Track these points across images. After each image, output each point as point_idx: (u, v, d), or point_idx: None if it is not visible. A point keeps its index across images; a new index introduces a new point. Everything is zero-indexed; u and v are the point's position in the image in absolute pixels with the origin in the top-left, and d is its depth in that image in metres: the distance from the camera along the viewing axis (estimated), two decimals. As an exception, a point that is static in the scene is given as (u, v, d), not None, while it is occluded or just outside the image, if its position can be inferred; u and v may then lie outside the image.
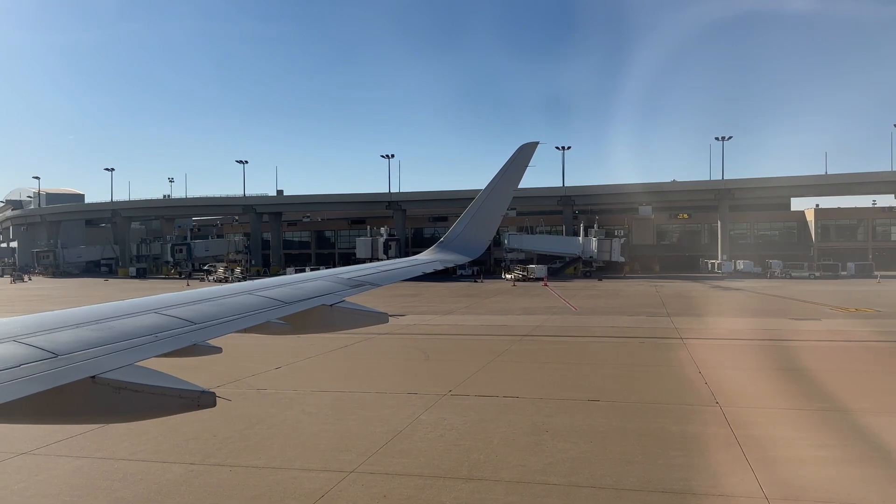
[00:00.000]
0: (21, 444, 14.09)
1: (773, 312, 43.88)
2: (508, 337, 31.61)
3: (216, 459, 13.15)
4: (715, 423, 15.25)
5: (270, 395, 18.99)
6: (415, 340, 31.03)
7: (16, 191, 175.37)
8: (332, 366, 24.09)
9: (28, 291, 77.44)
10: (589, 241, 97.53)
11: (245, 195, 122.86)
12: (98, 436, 14.75)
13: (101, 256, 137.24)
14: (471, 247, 10.32)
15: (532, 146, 10.17)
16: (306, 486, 11.58)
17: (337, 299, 6.59)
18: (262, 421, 16.04)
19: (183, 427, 15.50)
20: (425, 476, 12.02)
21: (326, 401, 18.07)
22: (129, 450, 13.77)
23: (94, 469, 12.61)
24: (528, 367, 23.19)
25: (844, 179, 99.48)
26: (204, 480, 11.95)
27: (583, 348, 28.10)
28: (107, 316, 4.73)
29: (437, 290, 71.29)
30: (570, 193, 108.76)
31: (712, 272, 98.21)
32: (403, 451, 13.42)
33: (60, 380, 3.46)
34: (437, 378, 21.12)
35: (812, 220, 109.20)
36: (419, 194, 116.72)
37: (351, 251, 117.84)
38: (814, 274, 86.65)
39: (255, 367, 22.98)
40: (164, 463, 12.95)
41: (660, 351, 26.56)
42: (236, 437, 14.75)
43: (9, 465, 12.86)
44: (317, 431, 15.09)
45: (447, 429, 14.98)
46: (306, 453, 13.48)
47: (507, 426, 15.16)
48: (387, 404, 17.51)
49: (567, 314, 43.14)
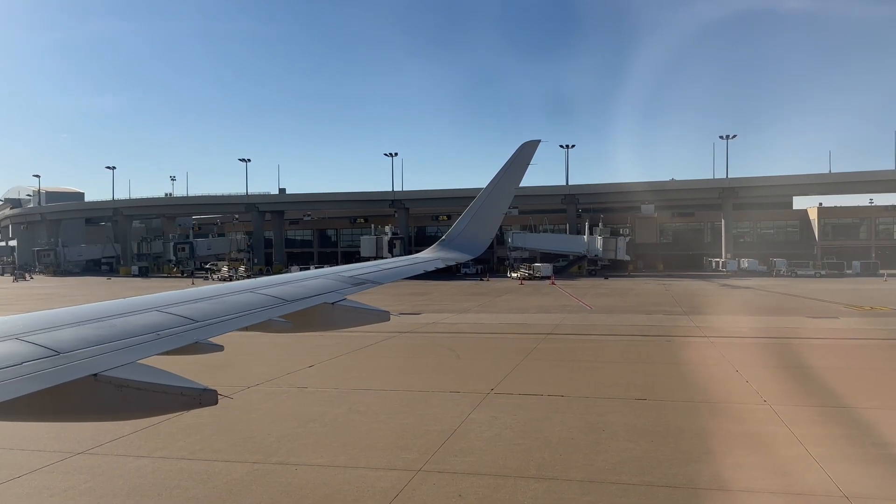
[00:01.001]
0: (72, 444, 13.96)
1: (787, 311, 43.95)
2: (532, 335, 31.55)
3: (278, 458, 13.06)
4: (770, 422, 15.22)
5: (313, 393, 18.88)
6: (439, 339, 30.97)
7: (14, 189, 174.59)
8: (365, 364, 23.99)
9: (32, 290, 77.08)
10: (594, 239, 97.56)
11: (248, 193, 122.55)
12: (149, 435, 14.65)
13: (101, 255, 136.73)
14: (472, 245, 10.31)
15: (534, 144, 10.15)
16: (378, 485, 11.50)
17: (338, 297, 6.58)
18: (313, 419, 15.94)
19: (236, 426, 15.45)
20: (493, 475, 11.95)
21: (372, 399, 17.98)
22: (186, 449, 13.67)
23: (157, 468, 12.50)
24: (562, 366, 23.13)
25: (848, 178, 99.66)
26: (272, 479, 11.85)
27: (611, 347, 28.05)
28: (108, 314, 4.72)
29: (446, 288, 71.21)
30: (575, 192, 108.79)
31: (717, 270, 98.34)
32: (464, 450, 13.35)
33: (62, 378, 3.45)
34: (475, 377, 21.04)
35: (815, 219, 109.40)
36: (422, 193, 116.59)
37: (353, 250, 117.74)
38: (819, 272, 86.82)
39: (288, 365, 22.89)
40: (225, 462, 12.85)
41: (689, 349, 26.53)
42: (291, 435, 14.65)
43: (69, 465, 12.75)
44: (371, 430, 15.00)
45: (502, 428, 14.91)
46: (367, 452, 13.39)
47: (561, 425, 15.10)
48: (433, 403, 17.44)
49: (583, 313, 43.10)
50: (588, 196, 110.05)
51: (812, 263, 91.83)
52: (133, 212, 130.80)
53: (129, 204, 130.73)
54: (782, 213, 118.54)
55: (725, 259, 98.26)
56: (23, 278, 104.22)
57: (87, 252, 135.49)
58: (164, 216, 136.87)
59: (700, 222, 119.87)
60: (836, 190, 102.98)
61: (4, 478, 11.94)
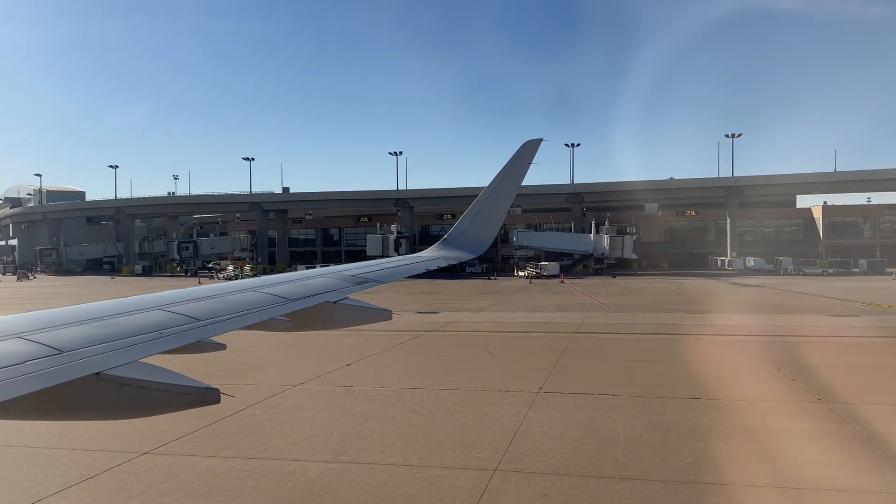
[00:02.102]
0: (134, 443, 13.84)
1: (806, 309, 44.00)
2: (559, 334, 31.48)
3: (348, 457, 12.94)
4: (832, 420, 15.17)
5: (361, 391, 18.77)
6: (466, 338, 30.88)
7: (14, 188, 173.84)
8: (402, 363, 23.88)
9: (39, 289, 76.73)
10: (601, 238, 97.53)
11: (252, 192, 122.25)
12: (209, 434, 14.54)
13: (103, 254, 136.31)
14: (475, 244, 10.30)
15: (536, 143, 10.10)
16: (458, 485, 11.39)
17: (340, 296, 6.57)
18: (370, 418, 15.83)
19: (294, 425, 15.36)
20: (572, 475, 11.86)
21: (422, 398, 17.87)
22: (252, 448, 13.56)
23: (230, 468, 12.38)
24: (601, 365, 23.05)
25: (853, 177, 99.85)
26: (349, 479, 11.74)
27: (642, 345, 27.99)
28: (111, 313, 4.70)
29: (455, 287, 71.16)
30: (580, 190, 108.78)
31: (722, 269, 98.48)
32: (534, 450, 13.25)
33: (65, 376, 3.46)
34: (517, 376, 20.94)
35: (820, 217, 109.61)
36: (427, 191, 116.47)
37: (357, 248, 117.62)
38: (827, 271, 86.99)
39: (325, 365, 22.78)
40: (296, 461, 12.74)
41: (724, 348, 26.51)
42: (353, 434, 14.54)
43: (138, 465, 12.62)
44: (432, 429, 14.89)
45: (564, 427, 14.82)
46: (436, 451, 13.29)
47: (623, 424, 15.01)
48: (485, 402, 17.33)
49: (602, 311, 43.04)
50: (592, 195, 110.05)
51: (819, 262, 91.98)
52: (136, 211, 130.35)
53: (132, 203, 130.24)
54: (786, 212, 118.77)
55: (731, 258, 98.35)
56: (26, 277, 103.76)
57: (88, 251, 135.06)
58: (167, 215, 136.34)
59: (704, 221, 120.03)
60: (841, 189, 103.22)
61: (77, 478, 11.81)
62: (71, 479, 11.76)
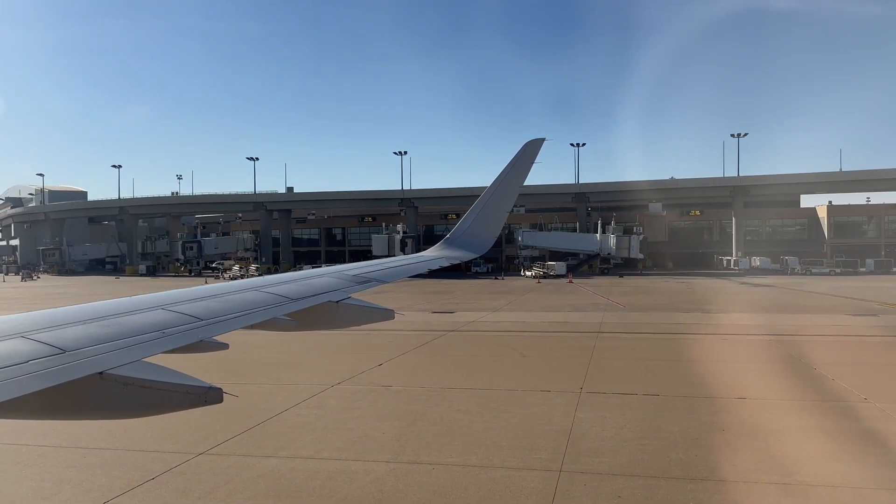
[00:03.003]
0: (188, 444, 13.72)
1: (822, 308, 43.97)
2: (582, 334, 31.39)
3: (408, 457, 12.82)
4: (888, 420, 15.09)
5: (401, 391, 18.64)
6: (490, 338, 30.77)
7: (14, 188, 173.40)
8: (433, 363, 23.76)
9: (43, 289, 76.52)
10: (607, 237, 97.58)
11: (256, 192, 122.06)
12: (262, 434, 14.43)
13: (106, 254, 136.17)
14: (477, 243, 10.29)
15: (538, 142, 10.07)
16: (527, 486, 11.28)
17: (343, 296, 6.57)
18: (419, 418, 15.70)
19: (345, 424, 15.26)
20: (640, 476, 11.75)
21: (465, 398, 17.74)
22: (308, 448, 13.43)
23: (293, 468, 12.24)
24: (635, 365, 22.91)
25: (859, 176, 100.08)
26: (415, 479, 11.61)
27: (671, 345, 27.89)
28: (114, 312, 4.70)
29: (465, 287, 71.13)
30: (585, 190, 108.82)
31: (728, 269, 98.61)
32: (594, 451, 13.13)
33: (68, 376, 3.48)
34: (554, 376, 20.84)
35: (825, 217, 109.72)
36: (432, 191, 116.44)
37: (361, 248, 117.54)
38: (834, 270, 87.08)
39: (356, 365, 22.65)
40: (356, 461, 12.61)
41: (752, 348, 26.44)
42: (407, 434, 14.42)
43: (197, 465, 12.48)
44: (484, 429, 14.76)
45: (618, 428, 14.70)
46: (495, 451, 13.16)
47: (676, 425, 14.90)
48: (530, 402, 17.21)
49: (618, 311, 42.94)
50: (597, 195, 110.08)
51: (825, 262, 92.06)
52: (139, 211, 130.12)
53: (136, 203, 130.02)
54: (791, 212, 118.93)
55: (737, 257, 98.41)
56: (30, 278, 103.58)
57: (91, 251, 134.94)
58: (171, 215, 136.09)
59: (708, 221, 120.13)
60: (847, 188, 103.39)
61: (139, 479, 11.68)
62: (134, 480, 11.63)
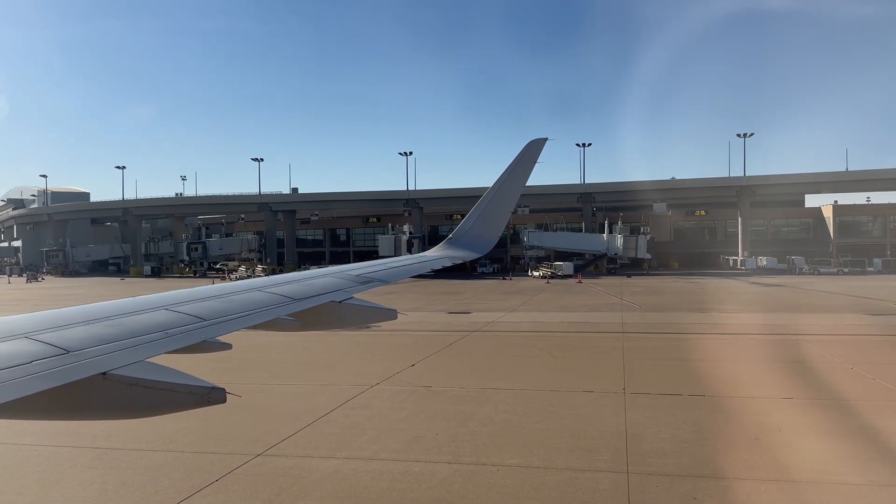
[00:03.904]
0: (242, 445, 13.61)
1: (840, 308, 43.91)
2: (606, 334, 31.28)
3: (469, 459, 12.69)
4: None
5: (442, 392, 18.49)
6: (514, 338, 30.65)
7: (16, 189, 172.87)
8: (465, 363, 23.61)
9: (50, 291, 76.28)
10: (614, 237, 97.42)
11: (261, 193, 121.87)
12: (314, 435, 14.31)
13: (109, 255, 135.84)
14: (479, 243, 10.29)
15: (541, 142, 10.05)
16: (599, 487, 11.15)
17: (346, 296, 6.57)
18: (468, 419, 15.57)
19: (395, 425, 15.14)
20: (709, 477, 11.63)
21: (509, 398, 17.61)
22: (365, 449, 13.30)
23: (355, 469, 12.11)
24: (668, 365, 22.78)
25: (865, 176, 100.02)
26: (482, 481, 11.48)
27: (698, 345, 27.77)
28: (117, 312, 4.71)
29: (475, 287, 71.03)
30: (591, 190, 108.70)
31: (734, 268, 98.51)
32: (656, 452, 13.00)
33: (72, 376, 3.49)
34: (592, 376, 20.71)
35: (830, 217, 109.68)
36: (437, 192, 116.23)
37: (366, 249, 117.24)
38: (842, 270, 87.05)
39: (389, 365, 22.54)
40: (417, 462, 12.47)
41: (784, 348, 26.32)
42: (460, 435, 14.28)
43: (259, 467, 12.34)
44: (538, 430, 14.62)
45: (673, 429, 14.56)
46: (554, 453, 13.02)
47: (731, 425, 14.80)
48: (576, 403, 17.08)
49: (635, 311, 42.82)
50: (603, 195, 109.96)
51: (832, 261, 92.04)
52: (144, 212, 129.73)
53: (140, 204, 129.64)
54: (795, 211, 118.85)
55: (743, 257, 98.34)
56: (35, 279, 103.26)
57: (95, 252, 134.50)
58: (175, 216, 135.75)
59: (713, 220, 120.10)
60: (854, 188, 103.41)
61: (203, 482, 11.53)
62: (197, 483, 11.48)
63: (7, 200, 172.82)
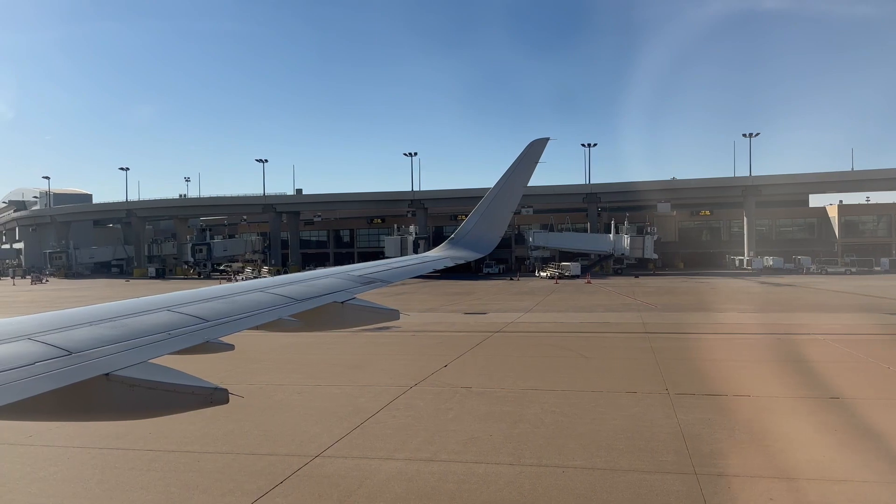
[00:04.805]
0: (297, 446, 13.49)
1: (857, 307, 43.79)
2: (631, 335, 31.16)
3: (531, 460, 12.53)
4: None
5: (483, 393, 18.33)
6: (538, 339, 30.48)
7: (17, 191, 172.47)
8: (498, 364, 23.42)
9: (56, 293, 76.04)
10: (621, 238, 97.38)
11: (265, 194, 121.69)
12: (368, 436, 14.15)
13: (112, 257, 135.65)
14: (482, 243, 10.29)
15: (542, 142, 10.01)
16: (672, 489, 10.99)
17: (348, 296, 6.60)
18: (518, 420, 15.40)
19: (447, 426, 14.99)
20: (781, 478, 11.47)
21: (553, 399, 17.45)
22: (424, 450, 13.13)
23: (419, 470, 11.94)
24: (703, 366, 22.55)
25: (870, 175, 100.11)
26: (551, 482, 11.31)
27: (726, 345, 27.67)
28: (121, 314, 4.73)
29: (486, 288, 70.93)
30: (596, 190, 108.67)
31: (740, 269, 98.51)
32: (718, 453, 12.84)
33: (75, 377, 3.50)
34: (630, 377, 20.55)
35: (835, 216, 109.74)
36: (443, 192, 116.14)
37: (370, 250, 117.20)
38: (850, 269, 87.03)
39: (423, 366, 22.44)
40: (478, 463, 12.31)
41: (814, 347, 26.19)
42: (515, 436, 14.12)
43: (319, 468, 12.18)
44: (592, 431, 14.46)
45: (729, 429, 14.40)
46: (617, 454, 12.85)
47: (786, 425, 14.65)
48: (623, 404, 16.92)
49: (653, 311, 42.67)
50: (608, 195, 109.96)
51: (839, 261, 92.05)
52: (147, 213, 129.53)
53: (144, 205, 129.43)
54: (800, 211, 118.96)
55: (750, 257, 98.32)
56: (40, 281, 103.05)
57: (98, 254, 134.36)
58: (178, 217, 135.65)
59: (717, 220, 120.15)
60: (860, 187, 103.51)
61: (268, 484, 11.37)
62: (263, 485, 11.32)
63: (8, 202, 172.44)
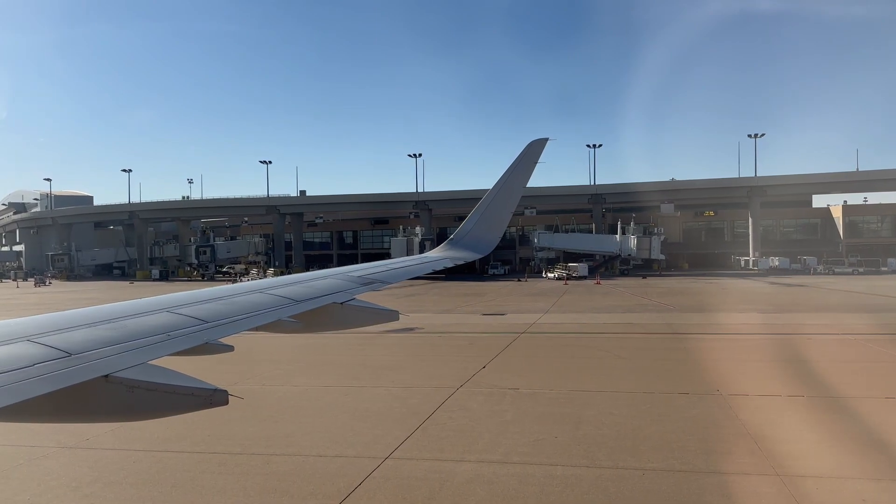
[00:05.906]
0: (362, 447, 13.30)
1: (875, 308, 43.80)
2: (659, 335, 31.05)
3: (606, 462, 12.32)
4: None
5: (533, 395, 18.13)
6: (566, 340, 30.36)
7: (17, 193, 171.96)
8: (536, 365, 23.27)
9: (62, 295, 75.65)
10: (627, 238, 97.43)
11: (269, 196, 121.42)
12: (432, 437, 13.96)
13: (114, 259, 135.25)
14: (481, 244, 10.29)
15: (542, 142, 9.98)
16: (758, 489, 10.84)
17: (347, 297, 6.59)
18: (578, 422, 15.13)
19: (508, 428, 14.79)
20: (869, 479, 11.30)
21: (606, 400, 17.26)
22: (495, 452, 12.93)
23: (496, 473, 11.74)
24: (744, 367, 22.39)
25: (875, 176, 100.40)
26: (635, 485, 11.13)
27: (759, 346, 27.65)
28: (120, 315, 4.72)
29: (496, 289, 70.85)
30: (601, 191, 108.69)
31: (746, 269, 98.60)
32: (793, 454, 12.64)
33: (74, 379, 3.49)
34: (676, 377, 20.38)
35: (840, 217, 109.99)
36: (446, 193, 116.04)
37: (373, 252, 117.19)
38: (857, 270, 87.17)
39: (461, 367, 22.29)
40: (555, 465, 12.11)
41: (850, 347, 26.14)
42: (581, 438, 13.90)
43: (394, 470, 11.97)
44: (658, 433, 14.28)
45: (796, 430, 14.26)
46: (693, 456, 12.66)
47: (852, 425, 14.52)
48: (680, 405, 16.72)
49: (671, 312, 42.58)
50: (612, 196, 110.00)
51: (846, 261, 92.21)
52: (150, 215, 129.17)
53: (146, 207, 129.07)
54: (804, 212, 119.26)
55: (756, 257, 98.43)
56: (43, 283, 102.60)
57: (100, 256, 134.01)
58: (181, 219, 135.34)
59: (721, 221, 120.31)
60: (866, 188, 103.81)
61: (346, 487, 11.16)
62: (342, 487, 11.11)
63: (8, 204, 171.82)
